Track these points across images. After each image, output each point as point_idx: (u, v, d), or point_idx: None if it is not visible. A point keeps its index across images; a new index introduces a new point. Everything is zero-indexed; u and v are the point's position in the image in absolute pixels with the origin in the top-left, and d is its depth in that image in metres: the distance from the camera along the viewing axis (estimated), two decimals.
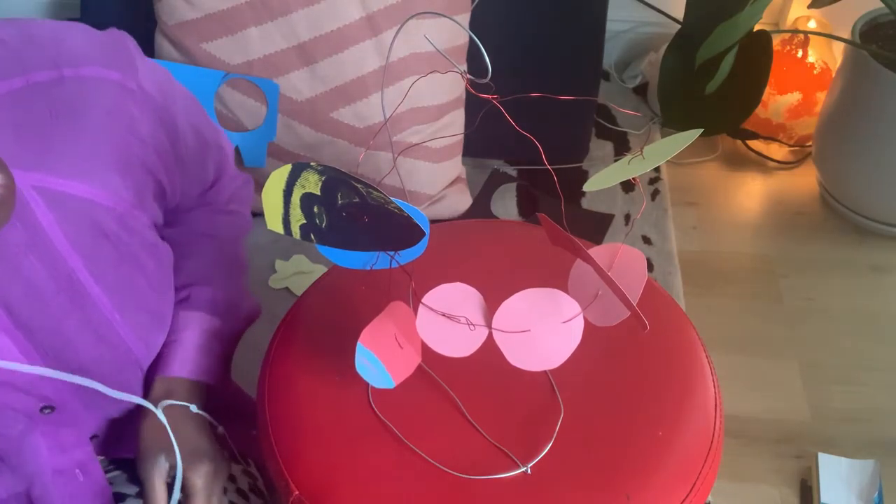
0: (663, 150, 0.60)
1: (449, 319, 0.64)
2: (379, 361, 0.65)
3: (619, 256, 0.65)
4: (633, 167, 0.60)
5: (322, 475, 0.68)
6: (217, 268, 0.82)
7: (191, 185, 0.82)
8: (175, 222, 0.84)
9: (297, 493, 0.68)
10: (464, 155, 1.53)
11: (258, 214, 1.43)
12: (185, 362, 0.76)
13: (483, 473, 0.66)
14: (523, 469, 0.66)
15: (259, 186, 1.42)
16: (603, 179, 0.62)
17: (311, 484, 0.68)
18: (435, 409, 0.72)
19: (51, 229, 0.62)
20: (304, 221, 0.60)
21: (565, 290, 0.64)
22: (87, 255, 0.65)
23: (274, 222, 0.60)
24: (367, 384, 0.73)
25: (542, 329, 0.63)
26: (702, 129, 0.60)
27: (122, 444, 0.80)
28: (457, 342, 0.65)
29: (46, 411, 0.68)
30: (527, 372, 0.69)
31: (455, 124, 1.45)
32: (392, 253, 0.62)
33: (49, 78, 0.60)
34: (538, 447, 0.68)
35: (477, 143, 1.54)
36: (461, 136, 1.48)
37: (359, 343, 0.63)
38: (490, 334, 0.63)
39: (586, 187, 0.62)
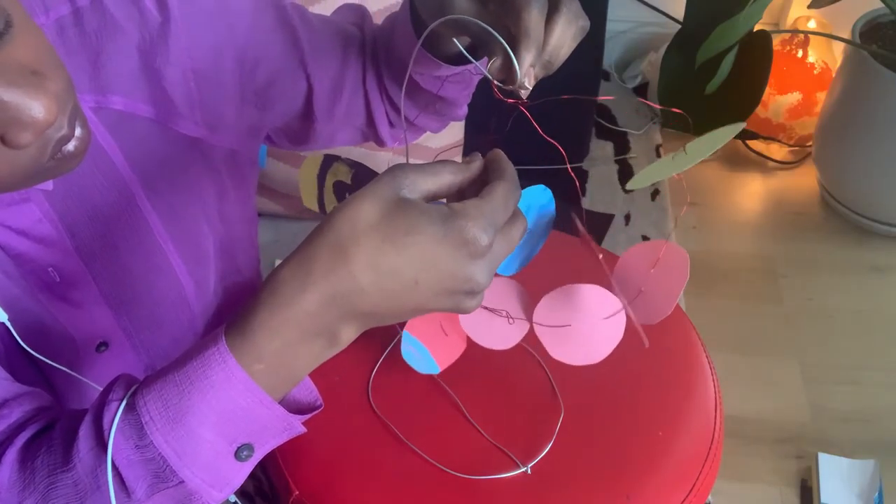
0: (705, 145, 0.59)
1: (490, 312, 0.64)
2: (425, 348, 0.66)
3: (664, 254, 0.64)
4: (677, 163, 0.60)
5: (322, 475, 0.68)
6: None
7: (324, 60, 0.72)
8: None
9: (297, 493, 0.68)
10: (464, 155, 1.53)
11: (262, 215, 1.43)
12: None
13: (483, 473, 0.66)
14: (523, 469, 0.66)
15: (261, 188, 1.42)
16: (647, 176, 0.61)
17: (311, 484, 0.68)
18: (435, 409, 0.72)
19: (111, 151, 0.62)
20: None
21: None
22: (145, 179, 0.64)
23: (309, 200, 0.64)
24: (367, 384, 0.73)
25: (583, 324, 0.63)
26: (744, 123, 0.59)
27: None
28: (497, 335, 0.65)
29: (102, 348, 0.68)
30: (527, 372, 0.69)
31: (456, 124, 1.45)
32: None
33: (90, 1, 0.60)
34: (538, 447, 0.68)
35: (477, 144, 1.54)
36: (461, 137, 1.48)
37: (405, 331, 0.65)
38: (531, 328, 0.64)
39: (630, 185, 0.62)
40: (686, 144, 0.59)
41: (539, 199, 0.60)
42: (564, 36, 0.53)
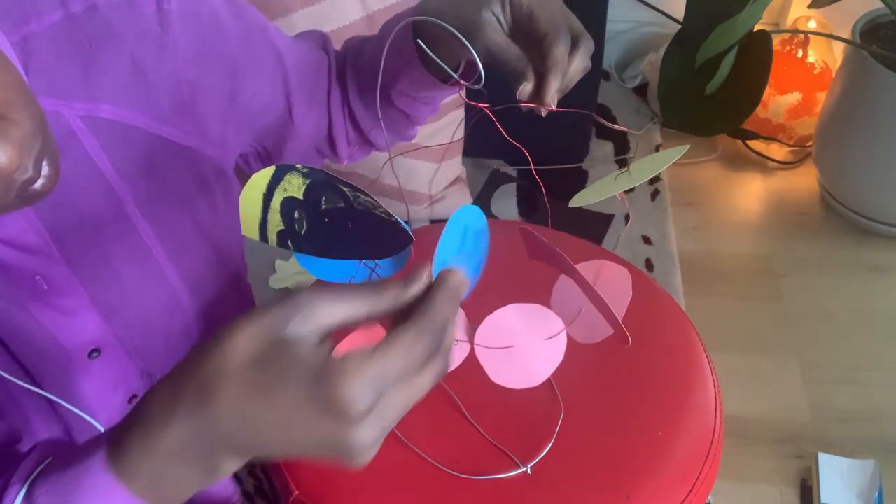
0: (650, 165, 0.60)
1: None
2: None
3: (604, 273, 0.65)
4: (619, 183, 0.61)
5: (322, 475, 0.68)
6: None
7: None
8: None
9: (297, 493, 0.68)
10: (464, 155, 1.53)
11: None
12: None
13: (483, 473, 0.66)
14: (523, 469, 0.66)
15: None
16: (589, 195, 0.62)
17: (311, 484, 0.68)
18: (435, 409, 0.72)
19: (99, 159, 0.62)
20: (283, 227, 0.58)
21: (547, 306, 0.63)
22: (136, 187, 0.64)
23: (250, 229, 0.57)
24: None
25: (525, 345, 0.63)
26: (688, 147, 0.62)
27: None
28: None
29: (94, 355, 0.67)
30: None
31: (454, 125, 1.46)
32: (372, 265, 0.60)
33: (84, 7, 0.60)
34: (538, 447, 0.68)
35: (477, 143, 1.54)
36: (461, 137, 1.48)
37: None
38: (472, 349, 0.63)
39: (573, 203, 0.63)
40: (630, 164, 0.62)
41: (473, 221, 0.57)
42: (581, 65, 0.62)
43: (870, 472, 1.19)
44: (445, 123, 1.43)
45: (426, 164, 1.43)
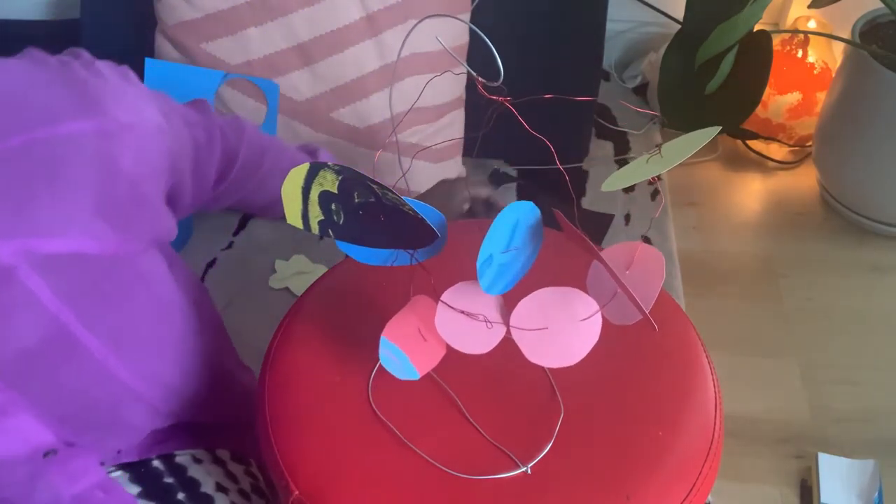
0: (681, 148, 0.60)
1: (467, 317, 0.64)
2: (403, 354, 0.65)
3: (638, 255, 0.65)
4: (651, 166, 0.60)
5: (322, 475, 0.68)
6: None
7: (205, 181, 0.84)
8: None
9: (297, 493, 0.68)
10: (464, 155, 1.53)
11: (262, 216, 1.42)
12: None
13: (483, 473, 0.66)
14: (523, 469, 0.66)
15: None
16: (622, 179, 0.62)
17: (311, 484, 0.68)
18: (435, 409, 0.72)
19: (39, 290, 0.61)
20: (323, 218, 0.62)
21: (582, 290, 0.64)
22: (79, 308, 0.64)
23: (293, 217, 0.62)
24: (367, 384, 0.73)
25: (560, 327, 0.63)
26: (720, 128, 0.60)
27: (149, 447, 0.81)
28: (474, 339, 0.65)
29: (49, 455, 0.68)
30: (527, 372, 0.69)
31: (455, 124, 1.46)
32: (411, 251, 0.63)
33: (22, 142, 0.59)
34: (538, 447, 0.68)
35: (477, 143, 1.54)
36: (461, 137, 1.48)
37: (383, 337, 0.64)
38: (508, 331, 0.64)
39: (605, 187, 0.62)
40: (661, 146, 0.59)
41: (526, 214, 0.60)
42: None
43: (870, 472, 1.19)
44: (446, 123, 1.43)
45: (426, 164, 1.43)
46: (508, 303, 0.64)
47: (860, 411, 1.31)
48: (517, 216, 0.59)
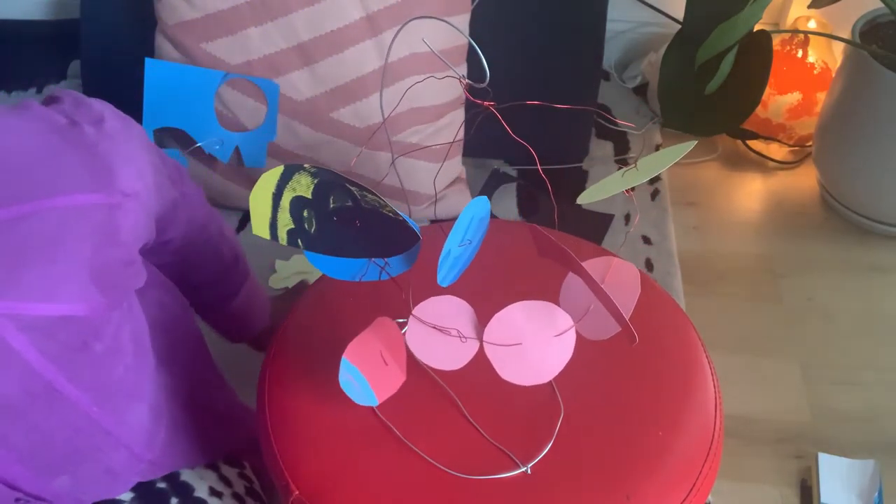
0: (657, 162, 0.61)
1: (440, 332, 0.63)
2: (363, 378, 0.64)
3: (612, 269, 0.65)
4: (627, 179, 0.61)
5: (322, 475, 0.68)
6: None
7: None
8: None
9: (297, 493, 0.68)
10: (464, 155, 1.53)
11: None
12: None
13: (483, 473, 0.66)
14: (523, 469, 0.66)
15: None
16: (597, 192, 0.63)
17: (311, 484, 0.68)
18: (435, 409, 0.72)
19: (24, 350, 0.60)
20: (293, 226, 0.58)
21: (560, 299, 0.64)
22: (64, 366, 0.63)
23: (260, 227, 0.58)
24: None
25: (534, 342, 0.63)
26: (695, 142, 0.62)
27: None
28: (448, 355, 0.64)
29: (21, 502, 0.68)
30: None
31: (454, 124, 1.46)
32: (382, 263, 0.61)
33: (19, 213, 0.58)
34: (538, 447, 0.68)
35: (477, 144, 1.54)
36: (461, 136, 1.48)
37: (343, 358, 0.63)
38: (481, 347, 0.63)
39: (580, 200, 0.63)
40: (637, 161, 0.61)
41: (480, 208, 0.60)
42: None
43: (870, 472, 1.19)
44: (445, 123, 1.43)
45: (426, 164, 1.43)
46: (485, 314, 0.63)
47: (860, 411, 1.31)
48: (474, 211, 0.59)
